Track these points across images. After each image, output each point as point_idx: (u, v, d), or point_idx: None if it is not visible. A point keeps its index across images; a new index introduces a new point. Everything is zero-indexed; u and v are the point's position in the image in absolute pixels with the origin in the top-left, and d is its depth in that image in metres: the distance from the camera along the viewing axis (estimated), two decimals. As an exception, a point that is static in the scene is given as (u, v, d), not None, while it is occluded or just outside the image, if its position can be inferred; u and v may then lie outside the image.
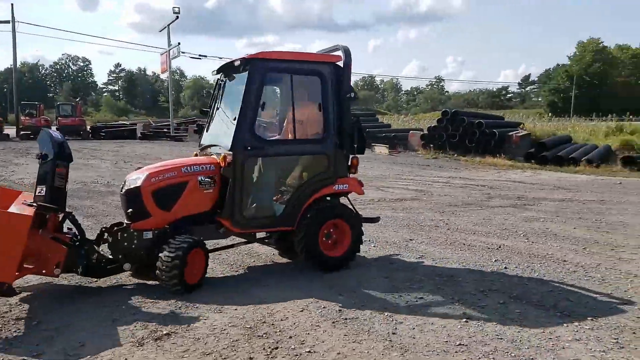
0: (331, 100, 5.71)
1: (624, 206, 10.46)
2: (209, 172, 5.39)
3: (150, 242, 5.10)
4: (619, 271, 5.69)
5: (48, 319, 4.27)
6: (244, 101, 5.34)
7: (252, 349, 3.74)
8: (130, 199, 5.15)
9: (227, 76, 6.00)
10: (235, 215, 5.38)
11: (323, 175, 5.78)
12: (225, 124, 5.74)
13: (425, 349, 3.70)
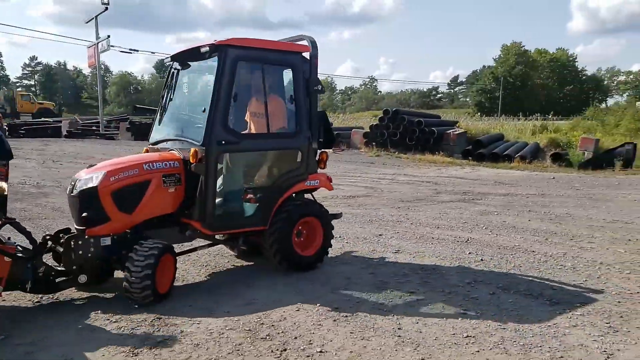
0: (303, 93, 5.45)
1: (563, 199, 11.09)
2: (173, 170, 4.93)
3: (108, 250, 4.55)
4: (585, 259, 5.99)
5: (18, 334, 3.85)
6: (216, 92, 4.88)
7: (259, 352, 3.56)
8: (84, 201, 4.57)
9: (184, 65, 5.57)
10: (206, 216, 4.94)
11: (296, 171, 5.49)
12: (189, 117, 5.40)
13: (436, 343, 3.69)
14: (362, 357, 3.47)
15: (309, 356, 3.50)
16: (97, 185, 4.56)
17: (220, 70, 4.90)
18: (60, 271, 4.48)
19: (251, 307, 4.45)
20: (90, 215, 4.52)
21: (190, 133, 5.17)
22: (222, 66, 4.91)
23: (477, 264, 5.86)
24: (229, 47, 4.93)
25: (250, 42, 5.13)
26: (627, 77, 52.64)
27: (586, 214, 9.02)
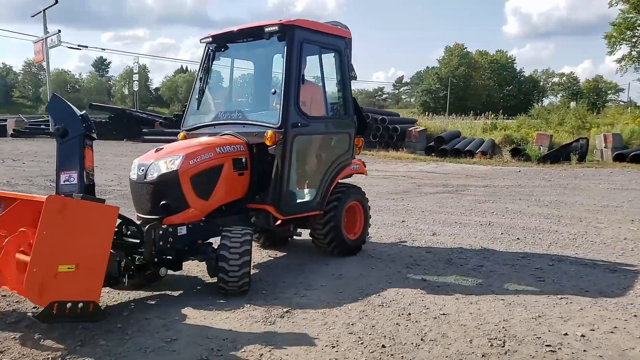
0: (348, 77, 5.51)
1: (541, 189, 11.95)
2: (240, 154, 4.78)
3: (183, 240, 4.27)
4: (607, 236, 6.63)
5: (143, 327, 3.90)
6: (288, 74, 4.77)
7: (387, 317, 3.82)
8: (162, 188, 4.26)
9: (226, 47, 5.40)
10: (281, 200, 4.81)
11: (345, 155, 5.55)
12: (247, 100, 5.38)
13: (540, 304, 4.11)
14: (485, 317, 3.82)
15: (436, 317, 3.81)
16: (177, 169, 4.28)
17: (290, 51, 4.82)
18: (140, 265, 4.12)
19: (344, 281, 4.70)
20: (170, 202, 4.25)
21: (258, 116, 5.14)
22: (291, 47, 4.83)
23: (515, 242, 6.37)
24: (296, 27, 4.87)
25: (310, 24, 5.10)
26: (560, 79, 56.74)
27: (574, 201, 9.84)
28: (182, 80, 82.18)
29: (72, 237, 3.06)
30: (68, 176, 3.81)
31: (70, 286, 3.09)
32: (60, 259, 3.03)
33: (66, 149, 3.85)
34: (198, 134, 5.24)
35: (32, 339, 3.31)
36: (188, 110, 5.59)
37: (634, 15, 32.89)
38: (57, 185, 3.83)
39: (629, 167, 16.46)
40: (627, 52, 34.91)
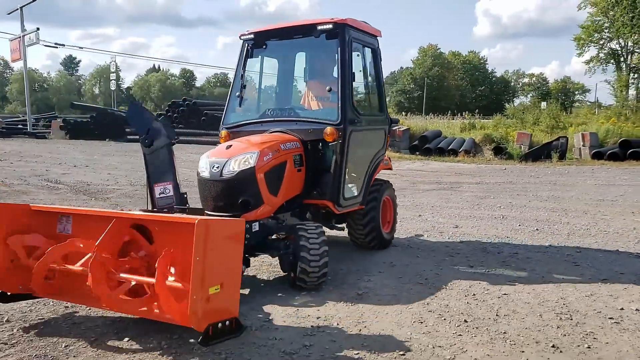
0: (381, 75, 5.69)
1: (533, 185, 12.56)
2: (298, 150, 4.87)
3: (256, 237, 4.33)
4: (618, 227, 7.16)
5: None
6: (343, 71, 4.89)
7: (456, 297, 4.21)
8: (239, 184, 4.31)
9: (268, 44, 5.47)
10: (339, 195, 4.94)
11: (381, 151, 5.71)
12: (298, 97, 5.50)
13: (594, 282, 4.59)
14: (543, 296, 4.24)
15: (499, 297, 4.21)
16: (254, 165, 4.33)
17: (343, 49, 4.94)
18: None
19: (398, 268, 5.08)
20: (249, 199, 4.33)
21: (314, 113, 5.27)
22: (344, 45, 4.96)
23: (536, 232, 6.86)
24: (347, 25, 5.03)
25: (355, 22, 5.24)
26: (530, 79, 58.78)
27: (570, 196, 10.46)
28: (154, 79, 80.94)
29: (216, 257, 3.00)
30: (163, 188, 3.81)
31: (219, 306, 3.06)
32: (210, 281, 2.95)
33: (155, 160, 3.81)
34: (242, 132, 5.23)
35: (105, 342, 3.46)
36: (228, 107, 5.55)
37: (601, 19, 34.44)
38: (152, 198, 3.78)
39: (607, 165, 17.36)
40: (595, 54, 36.44)
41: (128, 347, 3.29)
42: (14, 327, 3.63)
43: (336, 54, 4.99)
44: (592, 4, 34.34)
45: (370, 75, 5.78)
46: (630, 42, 33.17)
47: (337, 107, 4.86)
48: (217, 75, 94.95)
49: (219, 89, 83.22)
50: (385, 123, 5.82)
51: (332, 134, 4.76)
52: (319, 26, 5.03)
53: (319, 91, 5.51)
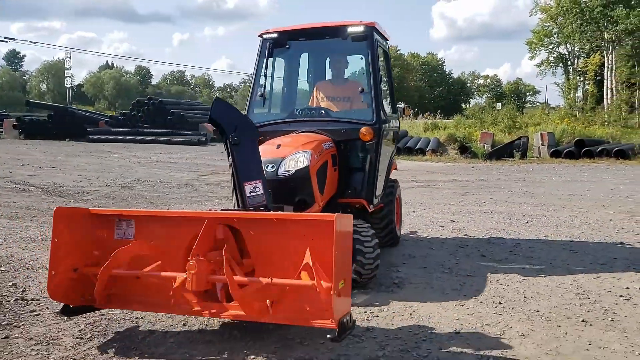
0: (390, 77, 5.85)
1: (504, 182, 13.35)
2: (333, 150, 4.97)
3: None
4: (595, 219, 7.90)
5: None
6: (374, 73, 5.06)
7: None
8: (298, 183, 4.35)
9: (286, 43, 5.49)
10: (373, 194, 5.07)
11: (394, 150, 5.98)
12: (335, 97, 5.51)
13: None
14: (557, 279, 4.80)
15: (520, 282, 4.74)
16: (308, 165, 4.35)
17: (373, 51, 5.13)
18: None
19: (419, 259, 5.54)
20: (304, 197, 4.37)
21: (346, 113, 5.35)
22: (373, 47, 5.14)
23: (527, 225, 7.50)
24: (375, 29, 5.23)
25: (379, 26, 5.42)
26: (485, 81, 61.20)
27: (541, 192, 11.27)
28: (108, 76, 78.53)
29: (346, 252, 2.98)
30: (253, 187, 3.70)
31: (345, 301, 3.04)
32: (341, 276, 2.92)
33: (244, 158, 3.71)
34: (268, 132, 5.12)
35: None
36: (251, 107, 5.50)
37: (551, 24, 36.38)
38: (242, 197, 3.71)
39: (565, 163, 18.55)
40: (545, 57, 38.43)
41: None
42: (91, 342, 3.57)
43: (367, 56, 5.21)
44: (543, 10, 36.23)
45: (385, 77, 5.99)
46: (577, 47, 35.22)
47: (372, 107, 5.04)
48: (174, 72, 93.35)
49: (176, 87, 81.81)
50: (396, 123, 6.11)
51: (369, 134, 4.85)
52: (349, 28, 5.17)
53: (330, 92, 5.60)
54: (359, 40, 5.22)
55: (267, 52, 5.47)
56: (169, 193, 11.03)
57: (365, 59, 5.27)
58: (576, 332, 3.64)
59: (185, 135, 26.46)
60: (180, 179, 13.46)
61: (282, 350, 3.31)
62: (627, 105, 27.28)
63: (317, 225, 3.07)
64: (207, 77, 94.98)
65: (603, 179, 13.20)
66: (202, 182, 13.20)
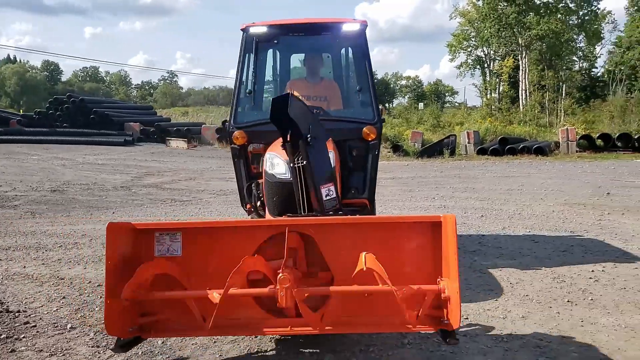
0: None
1: (443, 179, 14.02)
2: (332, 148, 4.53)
3: None
4: (540, 211, 8.63)
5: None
6: (370, 71, 4.95)
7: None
8: None
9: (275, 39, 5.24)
10: (372, 192, 5.00)
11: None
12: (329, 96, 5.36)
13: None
14: (543, 262, 5.27)
15: (519, 270, 5.15)
16: (334, 165, 4.08)
17: (367, 48, 5.03)
18: None
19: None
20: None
21: (346, 112, 5.24)
22: (367, 44, 5.02)
23: (483, 219, 8.04)
24: (366, 27, 5.01)
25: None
26: (407, 82, 63.42)
27: (481, 187, 12.02)
28: (10, 71, 72.52)
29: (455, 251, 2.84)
30: (328, 190, 3.49)
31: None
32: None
33: (317, 159, 3.47)
34: (261, 132, 4.86)
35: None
36: (238, 106, 5.18)
37: (469, 28, 38.59)
38: (318, 201, 3.48)
39: (491, 159, 19.84)
40: (464, 59, 40.69)
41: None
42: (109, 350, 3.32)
43: (361, 53, 5.12)
44: (461, 15, 38.35)
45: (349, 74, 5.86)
46: (493, 50, 37.64)
47: (372, 106, 4.95)
48: (87, 68, 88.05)
49: (89, 84, 77.16)
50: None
51: (373, 133, 4.80)
52: (344, 25, 5.02)
53: (304, 90, 5.33)
54: (352, 37, 5.13)
55: (253, 47, 5.12)
56: (106, 196, 10.60)
57: (360, 57, 5.15)
58: (566, 311, 4.04)
59: (110, 135, 25.18)
60: (114, 182, 12.93)
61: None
62: (540, 105, 29.61)
63: (430, 226, 2.97)
64: (124, 74, 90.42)
65: (531, 174, 14.31)
66: (139, 184, 12.79)
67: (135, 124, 26.71)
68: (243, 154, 4.97)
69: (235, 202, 9.77)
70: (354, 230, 3.08)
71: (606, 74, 35.26)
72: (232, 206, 9.45)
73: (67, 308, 4.25)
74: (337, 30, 5.12)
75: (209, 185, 12.77)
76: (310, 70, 5.55)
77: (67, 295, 4.59)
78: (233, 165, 5.12)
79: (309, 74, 5.54)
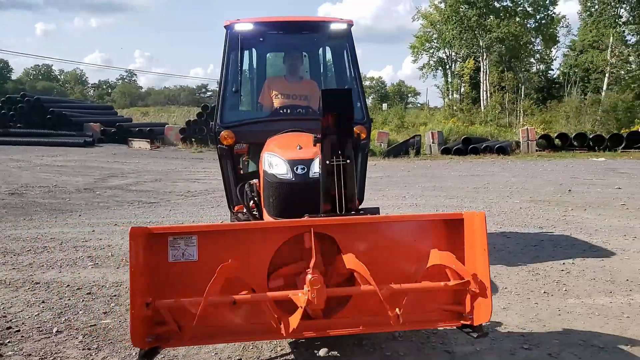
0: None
1: (412, 178, 14.30)
2: None
3: None
4: (508, 208, 8.95)
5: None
6: (358, 70, 4.91)
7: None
8: None
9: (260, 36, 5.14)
10: (363, 194, 4.92)
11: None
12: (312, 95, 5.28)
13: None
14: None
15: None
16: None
17: (354, 48, 4.96)
18: None
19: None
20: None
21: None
22: (353, 44, 4.93)
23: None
24: (352, 26, 4.94)
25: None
26: (371, 82, 63.96)
27: (448, 185, 12.34)
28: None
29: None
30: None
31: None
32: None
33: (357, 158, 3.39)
34: (250, 132, 4.79)
35: None
36: (224, 104, 5.00)
37: (431, 30, 39.44)
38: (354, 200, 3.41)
39: (455, 159, 20.33)
40: (427, 61, 41.56)
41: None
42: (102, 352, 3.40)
43: (348, 53, 5.06)
44: (424, 17, 39.15)
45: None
46: (454, 52, 38.61)
47: (362, 105, 4.89)
48: (39, 67, 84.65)
49: (42, 83, 74.07)
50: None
51: (363, 133, 4.74)
52: (332, 25, 4.95)
53: (283, 89, 5.27)
54: (339, 37, 5.05)
55: (238, 44, 4.97)
56: (69, 199, 10.29)
57: (348, 57, 5.11)
58: (544, 302, 4.24)
59: (69, 136, 24.41)
60: (76, 184, 12.54)
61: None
62: (500, 106, 30.57)
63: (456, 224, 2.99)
64: (79, 73, 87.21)
65: (495, 173, 14.76)
66: (103, 186, 12.45)
67: (95, 125, 26.02)
68: (231, 155, 4.85)
69: (206, 204, 9.74)
70: (376, 229, 3.09)
71: (562, 76, 36.75)
72: (203, 207, 9.37)
73: (49, 312, 4.15)
74: (324, 29, 5.07)
75: (176, 187, 12.57)
76: (290, 69, 5.42)
77: (46, 299, 4.48)
78: (220, 166, 4.97)
79: (288, 73, 5.43)
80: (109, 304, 4.33)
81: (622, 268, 5.21)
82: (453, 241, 3.00)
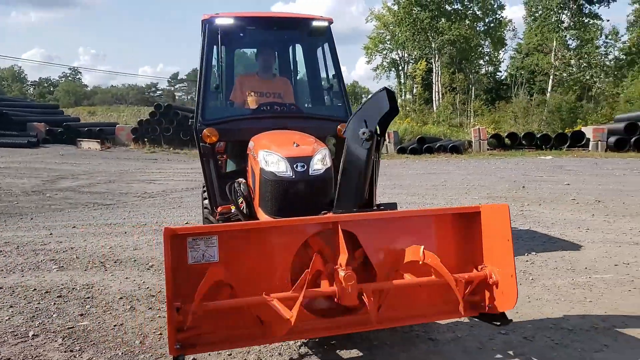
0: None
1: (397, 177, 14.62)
2: None
3: None
4: (469, 204, 9.30)
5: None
6: (339, 68, 4.87)
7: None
8: (328, 183, 3.78)
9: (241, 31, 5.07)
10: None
11: None
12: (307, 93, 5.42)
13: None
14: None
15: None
16: (330, 163, 3.84)
17: (333, 46, 4.94)
18: None
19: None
20: (332, 197, 3.83)
21: (318, 109, 5.13)
22: (333, 42, 4.93)
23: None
24: (331, 23, 4.93)
25: None
26: (348, 84, 64.23)
27: (408, 183, 12.65)
28: None
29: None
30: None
31: None
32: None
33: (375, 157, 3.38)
34: (234, 130, 4.65)
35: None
36: (205, 102, 4.76)
37: (384, 31, 40.11)
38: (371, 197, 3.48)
39: (411, 158, 20.85)
40: (380, 62, 42.23)
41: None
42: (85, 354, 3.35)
43: (329, 50, 5.01)
44: (377, 19, 39.77)
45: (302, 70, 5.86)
46: (407, 53, 39.44)
47: (344, 103, 4.86)
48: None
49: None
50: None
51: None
52: (313, 22, 4.90)
53: (256, 86, 5.18)
54: (320, 34, 5.03)
55: (217, 40, 4.80)
56: (17, 202, 9.85)
57: (329, 54, 5.03)
58: (514, 291, 4.45)
59: (11, 136, 23.21)
60: (22, 186, 11.99)
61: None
62: (452, 106, 31.52)
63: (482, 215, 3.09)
64: (17, 70, 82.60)
65: (451, 171, 15.24)
66: (53, 188, 11.97)
67: (39, 124, 24.94)
68: (213, 153, 4.71)
69: (166, 205, 9.54)
70: (397, 224, 3.13)
71: (509, 78, 38.27)
72: (164, 209, 9.21)
73: (20, 317, 4.00)
74: (305, 26, 5.04)
75: (131, 188, 12.22)
76: (263, 65, 5.33)
77: (14, 304, 4.30)
78: (201, 165, 4.76)
79: (261, 69, 5.33)
80: (84, 306, 4.21)
81: (580, 257, 5.54)
82: (470, 233, 3.13)
